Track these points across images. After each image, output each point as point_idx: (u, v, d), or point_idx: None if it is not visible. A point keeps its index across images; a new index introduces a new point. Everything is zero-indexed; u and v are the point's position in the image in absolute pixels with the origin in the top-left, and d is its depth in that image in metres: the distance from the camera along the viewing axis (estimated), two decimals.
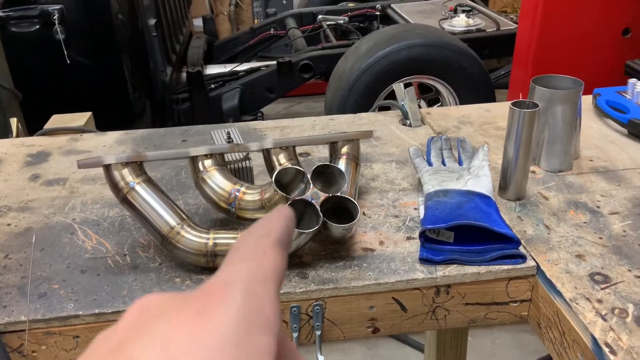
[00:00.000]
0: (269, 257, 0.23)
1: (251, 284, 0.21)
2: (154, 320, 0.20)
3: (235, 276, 0.21)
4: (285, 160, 0.81)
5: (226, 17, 4.68)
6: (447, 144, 0.93)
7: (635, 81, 1.11)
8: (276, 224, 0.24)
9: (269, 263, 0.22)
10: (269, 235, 0.24)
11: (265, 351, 0.20)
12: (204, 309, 0.20)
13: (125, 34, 2.17)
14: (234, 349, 0.19)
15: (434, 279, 0.71)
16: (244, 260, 0.22)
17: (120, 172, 0.70)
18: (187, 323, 0.20)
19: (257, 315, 0.20)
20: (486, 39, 2.76)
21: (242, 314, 0.20)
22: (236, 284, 0.21)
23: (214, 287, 0.21)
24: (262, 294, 0.21)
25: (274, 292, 0.21)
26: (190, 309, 0.20)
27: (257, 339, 0.20)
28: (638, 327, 0.61)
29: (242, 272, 0.21)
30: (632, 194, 0.86)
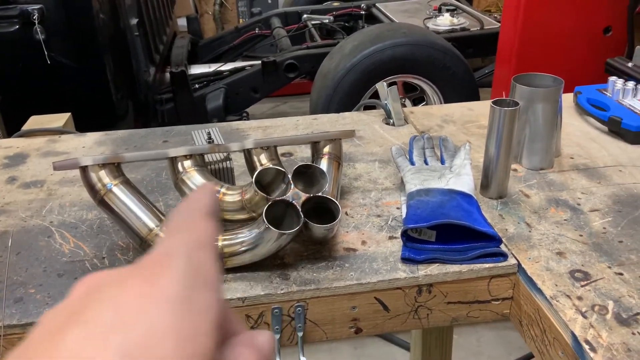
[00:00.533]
0: (202, 226, 0.24)
1: (190, 251, 0.23)
2: (103, 291, 0.21)
3: (174, 246, 0.23)
4: (267, 160, 0.80)
5: (211, 17, 4.65)
6: (429, 142, 0.93)
7: (615, 79, 1.12)
8: (203, 198, 0.26)
9: (203, 232, 0.24)
10: (198, 208, 0.25)
11: (209, 305, 0.22)
12: (151, 275, 0.21)
13: (107, 34, 2.15)
14: (182, 305, 0.20)
15: (416, 279, 0.71)
16: (180, 232, 0.24)
17: (97, 174, 0.69)
18: (135, 288, 0.21)
19: (199, 276, 0.22)
20: (470, 38, 2.77)
21: (186, 276, 0.22)
22: (177, 251, 0.22)
23: (157, 257, 0.23)
24: (202, 259, 0.23)
25: (211, 257, 0.23)
26: (136, 277, 0.21)
27: (202, 296, 0.21)
28: (618, 324, 0.62)
29: (181, 241, 0.23)
30: (612, 191, 0.86)
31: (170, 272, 0.21)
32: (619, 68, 1.18)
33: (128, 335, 0.19)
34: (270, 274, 0.71)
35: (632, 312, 0.63)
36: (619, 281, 0.68)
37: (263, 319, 0.70)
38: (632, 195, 0.85)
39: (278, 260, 0.73)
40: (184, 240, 0.23)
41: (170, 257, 0.22)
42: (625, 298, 0.65)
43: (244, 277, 0.70)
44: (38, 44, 1.98)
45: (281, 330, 0.71)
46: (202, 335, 0.21)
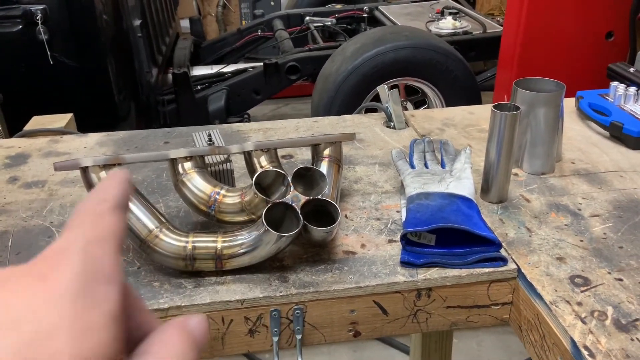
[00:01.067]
0: (105, 220, 0.23)
1: (87, 246, 0.22)
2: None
3: (71, 241, 0.22)
4: (267, 162, 0.80)
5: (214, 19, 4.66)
6: (429, 146, 0.93)
7: (617, 84, 1.12)
8: (111, 189, 0.25)
9: (105, 226, 0.23)
10: (105, 201, 0.24)
11: (107, 299, 0.21)
12: (42, 274, 0.21)
13: (110, 35, 2.15)
14: (75, 300, 0.20)
15: (415, 282, 0.71)
16: (80, 226, 0.23)
17: (98, 175, 0.69)
18: (25, 288, 0.20)
19: (95, 272, 0.21)
20: (472, 42, 2.77)
21: (80, 272, 0.21)
22: (72, 247, 0.22)
23: (51, 254, 0.22)
24: (99, 253, 0.22)
25: (112, 251, 0.23)
26: (27, 276, 0.21)
27: (98, 289, 0.21)
28: (617, 330, 0.61)
29: (79, 236, 0.22)
30: (612, 196, 0.86)
31: (63, 268, 0.21)
32: (620, 73, 1.18)
33: (19, 334, 0.19)
34: (269, 276, 0.71)
35: (632, 318, 0.63)
36: (619, 287, 0.67)
37: (261, 322, 0.70)
38: (632, 201, 0.85)
39: (277, 262, 0.73)
40: (81, 235, 0.22)
41: (63, 254, 0.22)
42: (624, 304, 0.65)
43: (242, 279, 0.70)
44: (41, 44, 1.99)
45: (280, 332, 0.71)
46: (99, 330, 0.20)
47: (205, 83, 2.76)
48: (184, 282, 0.70)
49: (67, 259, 0.21)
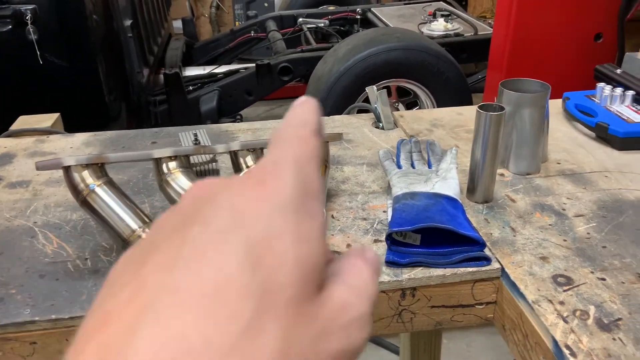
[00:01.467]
0: (310, 141, 0.25)
1: (299, 162, 0.23)
2: (215, 195, 0.22)
3: (283, 156, 0.23)
4: (253, 162, 0.80)
5: (207, 19, 4.66)
6: (416, 146, 0.93)
7: (603, 85, 1.12)
8: (309, 115, 0.26)
9: (311, 146, 0.24)
10: (306, 125, 0.25)
11: (318, 213, 0.22)
12: (262, 181, 0.22)
13: (100, 35, 2.14)
14: (296, 209, 0.21)
15: (400, 282, 0.71)
16: (289, 144, 0.24)
17: (80, 174, 0.69)
18: (249, 191, 0.21)
19: (308, 186, 0.23)
20: (464, 44, 2.78)
21: (296, 184, 0.22)
22: (287, 161, 0.23)
23: (267, 166, 0.23)
24: (310, 170, 0.23)
25: (317, 171, 0.24)
26: (248, 181, 0.22)
27: (312, 204, 0.22)
28: (599, 329, 0.62)
29: (290, 153, 0.24)
30: (597, 196, 0.87)
31: (282, 179, 0.22)
32: (607, 74, 1.19)
33: (248, 233, 0.20)
34: None
35: (614, 317, 0.63)
36: (602, 286, 0.68)
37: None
38: (617, 201, 0.85)
39: None
40: (292, 152, 0.23)
41: (280, 166, 0.23)
42: (607, 303, 0.65)
43: None
44: (30, 45, 1.98)
45: None
46: (316, 239, 0.21)
47: (198, 84, 2.76)
48: None
49: (284, 171, 0.22)
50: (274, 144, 0.24)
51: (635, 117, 1.04)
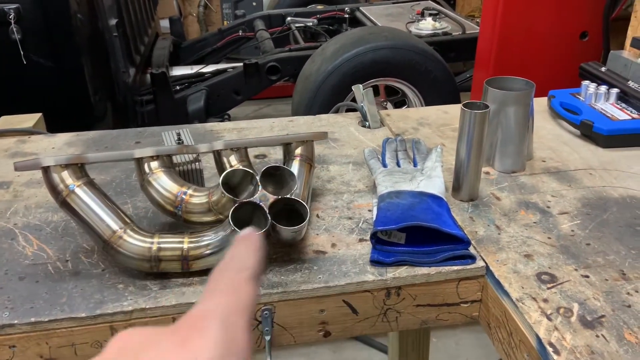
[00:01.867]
0: (244, 290, 0.25)
1: (227, 316, 0.23)
2: (137, 353, 0.22)
3: (213, 308, 0.24)
4: (236, 162, 0.79)
5: (195, 19, 4.63)
6: (402, 145, 0.93)
7: (588, 83, 1.13)
8: (251, 258, 0.26)
9: (244, 296, 0.25)
10: (244, 270, 0.26)
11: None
12: (186, 339, 0.22)
13: (85, 34, 2.12)
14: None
15: (385, 281, 0.70)
16: (221, 294, 0.25)
17: (60, 175, 0.67)
18: (171, 351, 0.22)
19: (232, 343, 0.23)
20: (452, 42, 2.79)
21: (220, 342, 0.22)
22: (214, 315, 0.23)
23: (193, 319, 0.23)
24: (237, 325, 0.24)
25: (246, 323, 0.24)
26: (172, 339, 0.22)
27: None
28: (582, 326, 0.62)
29: (220, 305, 0.24)
30: (581, 194, 0.87)
31: (205, 337, 0.22)
32: (592, 72, 1.20)
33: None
34: None
35: (597, 314, 0.63)
36: (585, 284, 0.68)
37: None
38: (601, 199, 0.85)
39: None
40: (223, 304, 0.24)
41: (206, 321, 0.23)
42: (590, 300, 0.65)
43: None
44: (14, 44, 1.95)
45: None
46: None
47: (185, 83, 2.74)
48: (149, 284, 0.69)
49: (209, 329, 0.23)
50: (208, 292, 0.25)
51: (619, 115, 1.05)
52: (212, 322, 0.22)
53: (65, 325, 0.64)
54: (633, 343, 0.59)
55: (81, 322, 0.64)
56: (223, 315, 0.23)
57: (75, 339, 0.65)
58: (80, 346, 0.65)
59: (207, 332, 0.22)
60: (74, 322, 0.64)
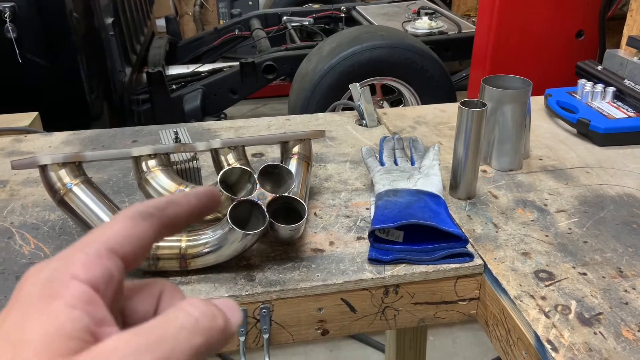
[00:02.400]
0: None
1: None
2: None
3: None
4: (234, 160, 0.79)
5: (191, 18, 4.62)
6: (399, 143, 0.93)
7: (584, 82, 1.13)
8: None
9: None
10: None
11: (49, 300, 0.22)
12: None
13: (81, 33, 2.11)
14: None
15: (383, 279, 0.70)
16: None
17: (57, 173, 0.67)
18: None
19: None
20: (448, 41, 2.79)
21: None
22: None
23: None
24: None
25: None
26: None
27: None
28: (580, 323, 0.62)
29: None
30: (578, 192, 0.87)
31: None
32: (588, 71, 1.20)
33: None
34: (235, 275, 0.70)
35: (595, 312, 0.63)
36: (583, 281, 0.68)
37: None
38: (598, 196, 0.86)
39: (244, 261, 0.72)
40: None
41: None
42: (588, 298, 0.65)
43: (208, 279, 0.69)
44: (9, 43, 1.94)
45: (246, 332, 0.70)
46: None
47: (181, 82, 2.73)
48: None
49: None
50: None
51: (615, 113, 1.05)
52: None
53: None
54: (631, 340, 0.59)
55: None
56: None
57: None
58: None
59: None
60: None
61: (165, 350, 0.21)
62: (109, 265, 0.23)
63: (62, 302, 0.21)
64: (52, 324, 0.20)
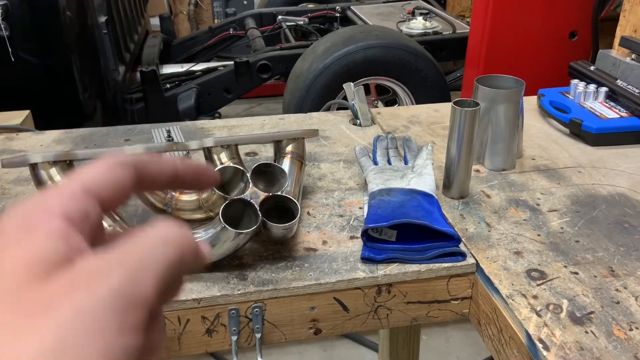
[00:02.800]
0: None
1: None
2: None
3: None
4: (227, 159, 0.79)
5: (185, 17, 4.61)
6: (392, 142, 0.93)
7: (577, 82, 1.14)
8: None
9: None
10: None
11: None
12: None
13: (74, 31, 2.10)
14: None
15: (375, 278, 0.70)
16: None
17: (48, 172, 0.67)
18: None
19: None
20: (442, 42, 2.80)
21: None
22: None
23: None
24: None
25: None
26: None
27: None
28: (571, 322, 0.62)
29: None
30: (570, 191, 0.87)
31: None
32: (581, 71, 1.20)
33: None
34: (228, 274, 0.70)
35: (586, 310, 0.64)
36: (574, 280, 0.68)
37: (219, 321, 0.68)
38: (590, 196, 0.86)
39: (236, 260, 0.72)
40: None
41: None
42: (579, 297, 0.66)
43: (200, 278, 0.69)
44: (2, 41, 1.93)
45: (238, 331, 0.70)
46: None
47: (175, 81, 2.72)
48: None
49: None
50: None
51: (608, 114, 1.05)
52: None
53: None
54: (622, 339, 0.60)
55: None
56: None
57: None
58: None
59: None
60: None
61: (136, 260, 0.21)
62: (84, 203, 0.23)
63: (40, 233, 0.21)
64: (30, 251, 0.20)
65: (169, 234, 0.23)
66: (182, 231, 0.23)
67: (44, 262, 0.20)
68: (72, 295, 0.19)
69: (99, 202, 0.24)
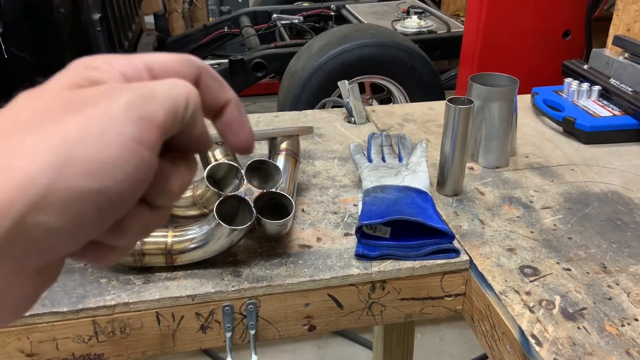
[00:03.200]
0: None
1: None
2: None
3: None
4: (222, 155, 0.79)
5: (180, 15, 4.60)
6: (387, 140, 0.93)
7: (570, 80, 1.14)
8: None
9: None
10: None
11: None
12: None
13: (68, 29, 2.09)
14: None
15: (369, 275, 0.70)
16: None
17: None
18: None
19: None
20: (437, 40, 2.80)
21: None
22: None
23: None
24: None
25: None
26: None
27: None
28: (564, 318, 0.63)
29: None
30: (563, 189, 0.88)
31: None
32: (574, 70, 1.21)
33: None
34: (222, 271, 0.70)
35: (578, 306, 0.64)
36: (567, 277, 0.69)
37: (214, 317, 0.68)
38: (582, 193, 0.87)
39: (231, 257, 0.72)
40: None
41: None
42: (572, 293, 0.66)
43: (194, 275, 0.69)
44: None
45: (233, 328, 0.70)
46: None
47: None
48: (132, 278, 0.68)
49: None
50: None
51: (601, 112, 1.06)
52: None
53: (47, 319, 0.63)
54: (614, 334, 0.60)
55: (63, 316, 0.63)
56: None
57: (57, 334, 0.64)
58: (61, 341, 0.64)
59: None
60: (55, 317, 0.63)
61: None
62: (142, 76, 0.26)
63: (95, 72, 0.25)
64: (75, 76, 0.25)
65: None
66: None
67: (82, 80, 0.24)
68: (95, 102, 0.23)
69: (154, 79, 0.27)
